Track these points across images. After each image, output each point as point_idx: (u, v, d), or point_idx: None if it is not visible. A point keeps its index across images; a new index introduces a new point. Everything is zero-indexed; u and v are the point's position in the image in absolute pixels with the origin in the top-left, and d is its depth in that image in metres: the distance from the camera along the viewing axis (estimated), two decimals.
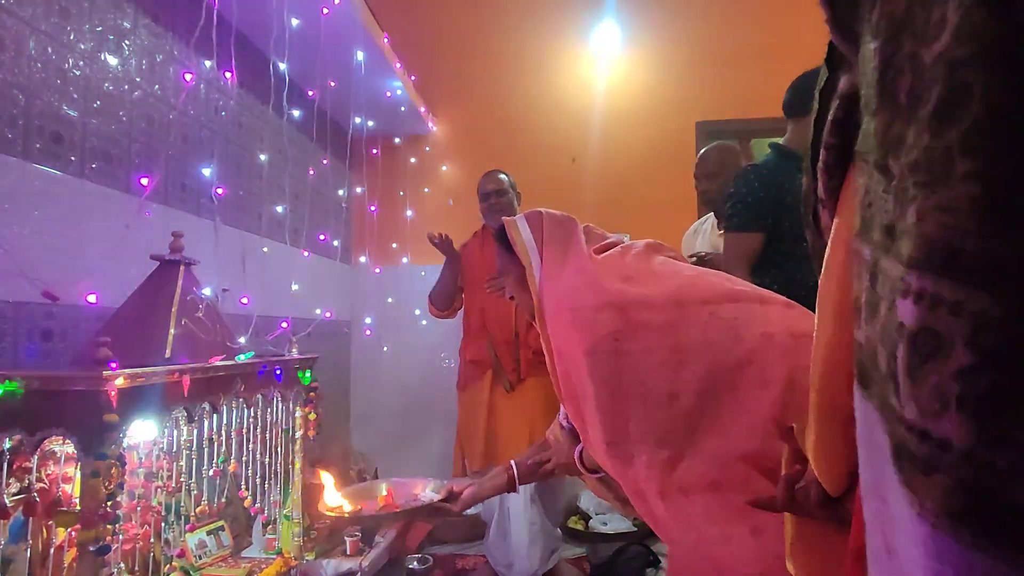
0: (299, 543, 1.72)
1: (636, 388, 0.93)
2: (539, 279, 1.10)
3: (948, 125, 0.28)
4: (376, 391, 3.38)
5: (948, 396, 0.28)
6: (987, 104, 0.27)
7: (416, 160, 3.43)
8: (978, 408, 0.28)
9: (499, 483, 1.31)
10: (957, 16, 0.28)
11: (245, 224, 2.33)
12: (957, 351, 0.28)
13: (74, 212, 1.51)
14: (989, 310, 0.27)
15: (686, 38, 3.34)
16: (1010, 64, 0.26)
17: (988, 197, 0.27)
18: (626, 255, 1.13)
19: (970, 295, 0.28)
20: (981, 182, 0.27)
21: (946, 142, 0.28)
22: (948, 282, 0.28)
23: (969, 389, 0.28)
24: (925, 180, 0.29)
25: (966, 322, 0.28)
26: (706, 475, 0.86)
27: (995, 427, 0.27)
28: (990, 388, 0.27)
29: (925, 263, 0.29)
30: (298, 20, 2.20)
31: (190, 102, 1.99)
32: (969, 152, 0.27)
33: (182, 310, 1.40)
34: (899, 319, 0.31)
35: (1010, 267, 0.27)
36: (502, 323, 2.35)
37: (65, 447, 1.17)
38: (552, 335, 1.08)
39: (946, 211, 0.28)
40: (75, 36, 1.54)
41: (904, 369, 0.31)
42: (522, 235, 1.15)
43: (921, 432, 0.30)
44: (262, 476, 1.59)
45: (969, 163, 0.27)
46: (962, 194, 0.28)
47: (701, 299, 0.97)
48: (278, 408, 1.66)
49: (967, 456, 0.28)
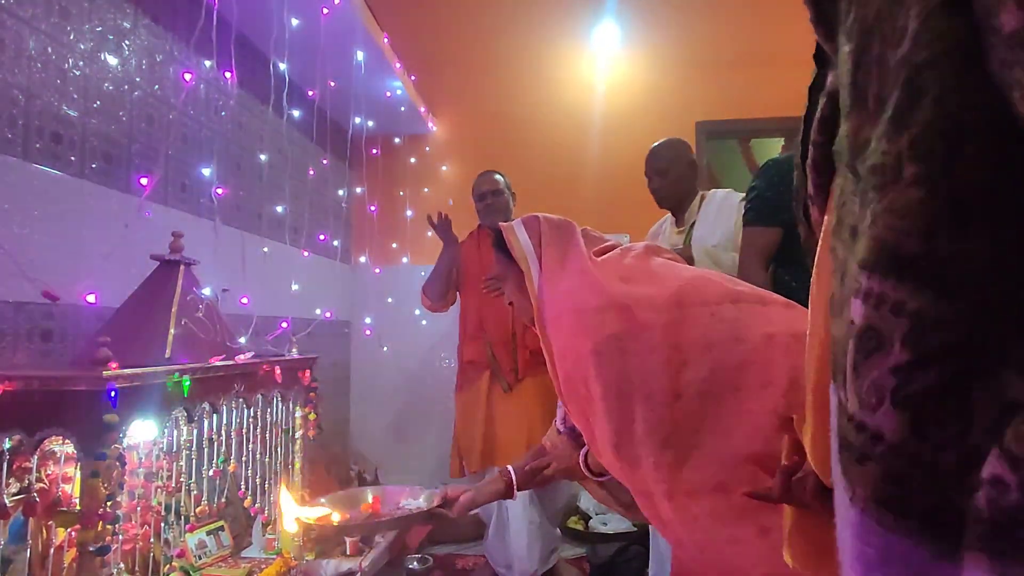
0: (299, 543, 1.72)
1: (641, 388, 0.93)
2: (538, 283, 1.10)
3: (901, 130, 0.29)
4: (376, 391, 3.38)
5: (884, 391, 0.30)
6: (936, 110, 0.28)
7: (416, 160, 3.43)
8: (911, 404, 0.29)
9: (497, 489, 1.29)
10: (917, 22, 0.28)
11: (245, 224, 2.33)
12: (895, 348, 0.29)
13: (74, 212, 1.51)
14: (927, 310, 0.28)
15: (686, 38, 3.34)
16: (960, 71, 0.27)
17: (931, 201, 0.28)
18: (625, 257, 1.13)
19: (910, 295, 0.29)
20: (925, 187, 0.28)
21: (898, 147, 0.29)
22: (892, 282, 0.30)
23: (903, 385, 0.29)
24: (879, 183, 0.30)
25: (905, 321, 0.29)
26: (712, 476, 0.86)
27: (925, 423, 0.28)
28: (924, 386, 0.28)
29: (873, 264, 0.31)
30: (298, 20, 2.21)
31: (190, 102, 2.00)
32: (916, 158, 0.28)
33: (182, 310, 1.40)
34: (851, 316, 0.32)
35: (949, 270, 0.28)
36: (499, 324, 2.35)
37: (65, 447, 1.17)
38: (553, 339, 1.08)
39: (893, 214, 0.29)
40: (75, 36, 1.54)
41: (851, 364, 0.32)
42: (520, 240, 1.15)
43: (859, 424, 0.31)
44: (262, 476, 1.59)
45: (915, 168, 0.28)
46: (908, 198, 0.29)
47: (702, 300, 0.98)
48: (278, 408, 1.66)
49: (897, 448, 0.29)
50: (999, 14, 0.25)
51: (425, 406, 3.26)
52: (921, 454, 0.29)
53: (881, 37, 0.31)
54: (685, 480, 0.89)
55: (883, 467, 0.30)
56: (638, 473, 0.94)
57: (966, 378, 0.28)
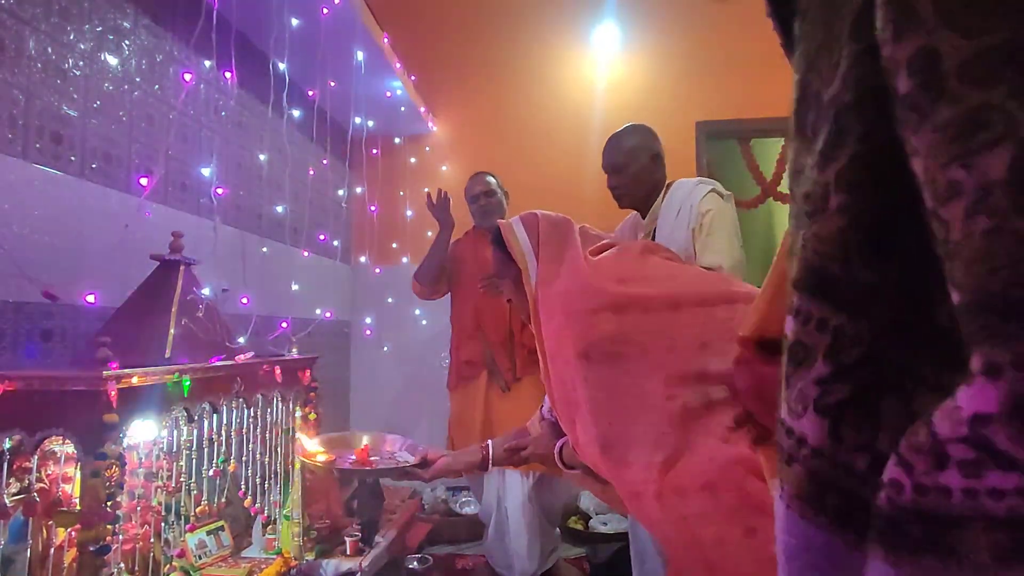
0: (299, 543, 1.72)
1: (631, 390, 0.93)
2: (535, 282, 1.10)
3: (830, 162, 0.32)
4: (376, 391, 3.38)
5: (808, 399, 0.33)
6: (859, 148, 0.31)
7: (416, 160, 3.42)
8: (829, 411, 0.32)
9: (473, 460, 1.33)
10: (846, 64, 0.31)
11: (245, 224, 2.33)
12: (818, 362, 0.33)
13: (74, 212, 1.51)
14: (846, 327, 0.32)
15: (686, 38, 3.34)
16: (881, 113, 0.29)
17: (851, 230, 0.31)
18: (622, 256, 1.13)
19: (832, 313, 0.32)
20: (847, 216, 0.31)
21: (826, 178, 0.32)
22: (816, 302, 0.33)
23: (824, 395, 0.32)
24: (810, 210, 0.34)
25: (827, 337, 0.32)
26: (701, 476, 0.87)
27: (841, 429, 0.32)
28: (842, 395, 0.32)
29: (802, 284, 0.34)
30: (298, 20, 2.21)
31: (190, 102, 2.00)
32: (840, 189, 0.31)
33: (182, 310, 1.40)
34: (785, 331, 0.36)
35: (866, 291, 0.31)
36: (496, 323, 2.34)
37: (65, 447, 1.17)
38: (547, 338, 1.08)
39: (819, 240, 0.33)
40: (75, 36, 1.54)
41: (784, 376, 0.35)
42: (518, 238, 1.16)
43: (788, 429, 0.35)
44: (262, 476, 1.59)
45: (839, 199, 0.31)
46: (832, 226, 0.32)
47: (696, 301, 0.98)
48: (278, 408, 1.66)
49: (817, 451, 0.33)
50: (896, 77, 0.28)
51: (425, 406, 3.26)
52: (837, 456, 0.32)
53: (818, 73, 0.34)
54: (674, 479, 0.89)
55: (806, 467, 0.33)
56: (627, 473, 0.94)
57: (877, 390, 0.31)
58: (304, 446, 1.36)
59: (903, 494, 0.27)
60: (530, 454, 1.30)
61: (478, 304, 2.36)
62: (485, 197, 2.45)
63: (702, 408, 0.89)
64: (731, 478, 0.84)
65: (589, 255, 1.12)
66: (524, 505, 2.24)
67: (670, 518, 0.91)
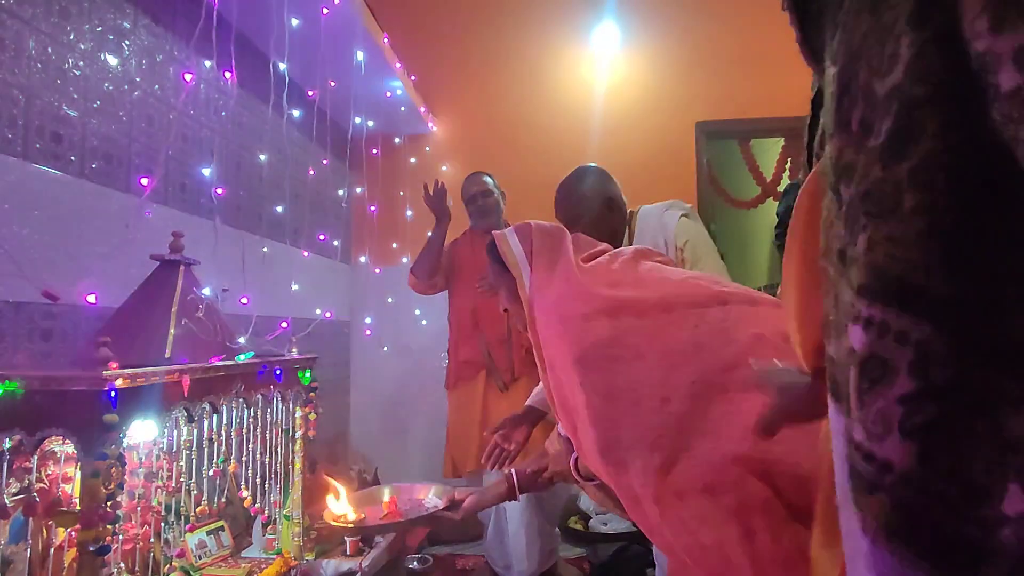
0: (299, 543, 1.72)
1: (628, 394, 0.92)
2: (529, 290, 1.11)
3: (898, 159, 0.29)
4: (376, 391, 3.38)
5: (891, 421, 0.30)
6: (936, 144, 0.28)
7: (416, 160, 3.42)
8: (918, 434, 0.29)
9: (500, 491, 1.33)
10: (910, 53, 0.29)
11: (245, 224, 2.33)
12: (901, 378, 0.29)
13: (74, 212, 1.51)
14: (933, 341, 0.29)
15: (686, 38, 3.34)
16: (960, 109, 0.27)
17: (935, 232, 0.28)
18: (614, 262, 1.13)
19: (915, 325, 0.29)
20: (929, 217, 0.28)
21: (896, 176, 0.29)
22: (895, 311, 0.30)
23: (911, 415, 0.29)
24: (875, 211, 0.30)
25: (911, 351, 0.29)
26: (700, 478, 0.86)
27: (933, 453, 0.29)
28: (931, 416, 0.29)
29: (873, 292, 0.31)
30: (298, 20, 2.20)
31: (190, 102, 1.99)
32: (918, 187, 0.28)
33: (182, 310, 1.40)
34: (850, 343, 0.32)
35: (953, 301, 0.28)
36: (495, 322, 2.34)
37: (65, 447, 1.17)
38: (544, 345, 1.08)
39: (894, 243, 0.30)
40: (75, 36, 1.54)
41: (855, 392, 0.32)
42: (512, 248, 1.17)
43: (867, 454, 0.31)
44: (262, 476, 1.59)
45: (918, 198, 0.28)
46: (910, 228, 0.29)
47: (689, 303, 0.97)
48: (278, 408, 1.66)
49: (906, 479, 0.29)
50: (997, 72, 0.25)
51: (425, 406, 3.26)
52: (929, 484, 0.29)
53: (867, 63, 0.31)
54: (673, 482, 0.88)
55: (893, 497, 0.30)
56: (625, 478, 0.94)
57: (968, 412, 0.28)
58: (332, 509, 1.34)
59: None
60: (552, 474, 1.30)
61: (476, 304, 2.36)
62: (482, 197, 2.45)
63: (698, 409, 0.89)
64: (729, 479, 0.84)
65: (582, 262, 1.13)
66: (522, 506, 2.24)
67: (668, 521, 0.90)
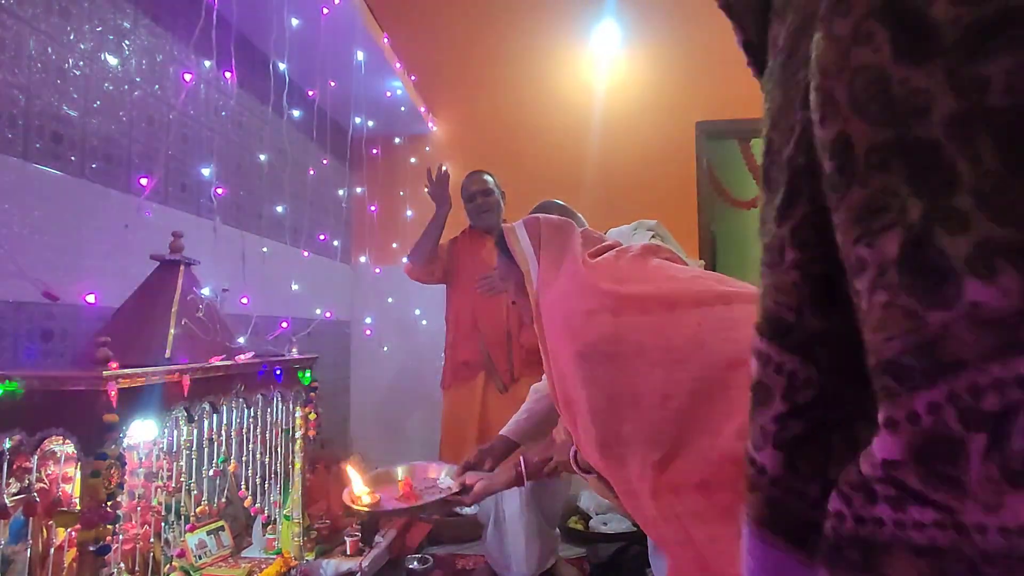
0: (299, 543, 1.72)
1: (629, 390, 0.93)
2: (536, 285, 1.11)
3: (786, 219, 0.35)
4: (376, 391, 3.38)
5: (768, 434, 0.37)
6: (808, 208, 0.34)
7: (416, 160, 3.42)
8: (786, 445, 0.36)
9: (508, 478, 1.37)
10: (799, 129, 0.34)
11: (245, 224, 2.33)
12: (776, 401, 0.37)
13: (74, 212, 1.51)
14: (799, 371, 0.36)
15: (686, 38, 3.34)
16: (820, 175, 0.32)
17: (804, 283, 0.35)
18: (620, 258, 1.13)
19: (787, 358, 0.36)
20: (800, 271, 0.35)
21: (782, 232, 0.36)
22: (775, 347, 0.37)
23: (781, 431, 0.37)
24: (767, 261, 0.37)
25: (783, 379, 0.36)
26: (696, 474, 0.86)
27: (796, 461, 0.36)
28: (796, 431, 0.36)
29: (762, 330, 0.38)
30: (298, 20, 2.20)
31: (190, 102, 1.99)
32: (794, 245, 0.35)
33: (182, 310, 1.40)
34: (750, 371, 0.40)
35: (816, 339, 0.35)
36: (494, 323, 2.33)
37: (65, 447, 1.17)
38: (548, 340, 1.08)
39: (776, 290, 0.37)
40: (75, 36, 1.54)
41: (750, 411, 0.40)
42: (520, 241, 1.17)
43: (751, 459, 0.39)
44: (262, 476, 1.59)
45: (793, 254, 0.35)
46: (787, 279, 0.36)
47: (693, 301, 0.98)
48: (278, 408, 1.66)
49: (775, 480, 0.37)
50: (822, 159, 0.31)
51: (425, 406, 3.26)
52: (792, 485, 0.36)
53: (780, 132, 0.37)
54: (670, 478, 0.89)
55: (765, 495, 0.37)
56: (623, 472, 0.95)
57: (827, 426, 0.35)
58: (352, 489, 1.39)
59: (844, 523, 0.31)
60: (556, 463, 1.32)
61: (475, 304, 2.35)
62: (482, 196, 2.44)
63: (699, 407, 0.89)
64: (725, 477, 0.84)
65: (589, 257, 1.13)
66: (521, 506, 2.23)
67: (665, 516, 0.91)
